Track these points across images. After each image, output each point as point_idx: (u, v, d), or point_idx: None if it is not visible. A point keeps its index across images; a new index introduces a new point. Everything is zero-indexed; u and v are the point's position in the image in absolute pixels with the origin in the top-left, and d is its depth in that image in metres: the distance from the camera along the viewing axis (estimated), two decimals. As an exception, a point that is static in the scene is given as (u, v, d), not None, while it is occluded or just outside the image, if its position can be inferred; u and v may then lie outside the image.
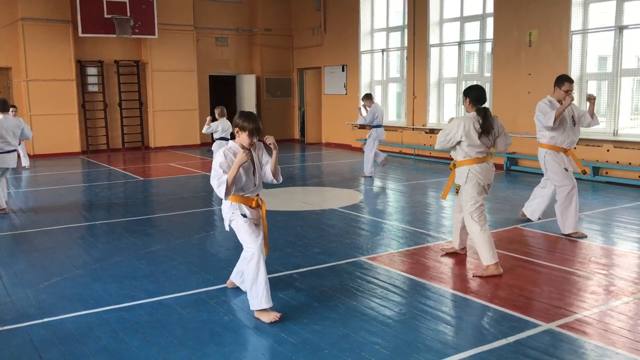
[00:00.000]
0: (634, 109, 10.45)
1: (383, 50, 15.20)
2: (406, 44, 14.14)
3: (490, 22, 12.05)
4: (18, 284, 5.01)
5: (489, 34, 12.12)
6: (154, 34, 15.42)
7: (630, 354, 3.56)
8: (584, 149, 10.18)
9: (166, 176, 11.51)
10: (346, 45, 15.94)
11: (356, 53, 15.66)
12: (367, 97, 11.06)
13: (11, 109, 12.12)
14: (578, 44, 10.42)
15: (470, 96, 5.23)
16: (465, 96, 5.32)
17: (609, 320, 4.11)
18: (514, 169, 11.56)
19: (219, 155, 4.12)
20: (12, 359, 3.62)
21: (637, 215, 7.47)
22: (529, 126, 10.63)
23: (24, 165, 12.67)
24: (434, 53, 13.49)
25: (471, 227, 5.22)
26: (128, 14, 14.80)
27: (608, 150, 10.04)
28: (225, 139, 9.88)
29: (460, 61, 12.96)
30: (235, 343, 3.84)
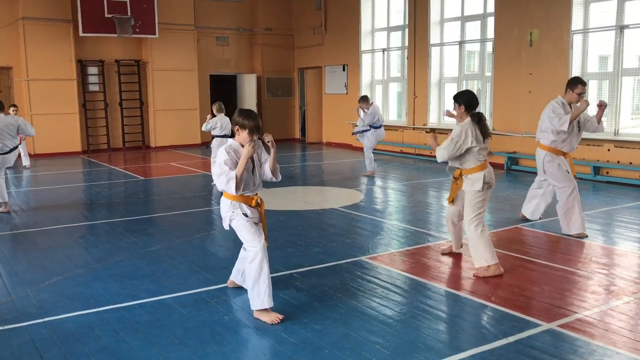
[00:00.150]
0: (634, 108, 10.45)
1: (384, 50, 15.19)
2: (407, 44, 14.13)
3: (491, 21, 12.05)
4: (19, 284, 5.01)
5: (490, 33, 12.11)
6: (155, 34, 15.42)
7: (631, 354, 3.56)
8: (584, 148, 10.18)
9: (167, 176, 11.52)
10: (347, 45, 15.93)
11: (357, 52, 15.66)
12: (364, 100, 11.00)
13: (12, 108, 12.20)
14: (579, 43, 10.42)
15: (464, 102, 5.03)
16: (458, 103, 5.06)
17: (609, 320, 4.11)
18: (514, 168, 11.56)
19: (221, 153, 4.10)
20: (12, 358, 3.62)
21: (637, 215, 7.46)
22: (530, 126, 10.63)
23: (25, 164, 12.69)
24: (434, 53, 13.49)
25: (475, 231, 5.05)
26: (129, 14, 14.79)
27: (609, 150, 10.03)
28: (225, 136, 9.86)
29: (461, 61, 12.95)
30: (235, 343, 3.85)
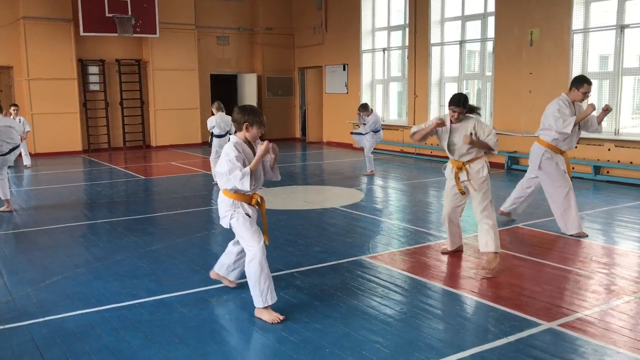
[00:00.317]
0: (635, 108, 10.44)
1: (384, 49, 15.18)
2: (407, 43, 14.13)
3: (491, 21, 12.04)
4: (19, 283, 5.02)
5: (490, 32, 12.11)
6: (156, 33, 15.42)
7: (631, 353, 3.56)
8: (585, 147, 10.18)
9: (167, 175, 11.53)
10: (347, 44, 15.93)
11: (357, 52, 15.65)
12: (364, 108, 11.06)
13: (13, 108, 12.21)
14: (579, 43, 10.41)
15: (466, 107, 5.13)
16: (462, 107, 5.10)
17: (610, 319, 4.11)
18: (514, 168, 11.55)
19: (230, 150, 4.06)
20: (13, 357, 3.62)
21: (638, 215, 7.46)
22: (530, 125, 10.63)
23: (26, 163, 12.69)
24: (435, 52, 13.48)
25: (492, 217, 5.22)
26: (129, 13, 14.79)
27: (609, 150, 10.03)
28: (225, 134, 9.88)
29: (462, 60, 12.94)
30: (236, 342, 3.85)
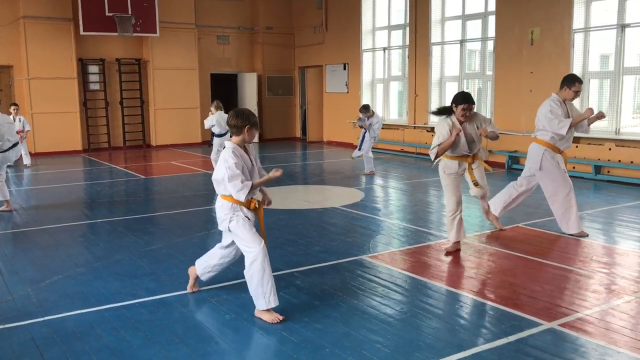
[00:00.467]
0: (636, 107, 10.43)
1: (384, 49, 15.18)
2: (408, 42, 14.12)
3: (492, 20, 12.04)
4: (19, 282, 5.01)
5: (491, 32, 12.10)
6: (156, 32, 15.41)
7: (631, 353, 3.56)
8: (585, 147, 10.17)
9: (167, 174, 11.52)
10: (348, 44, 15.92)
11: (358, 51, 15.64)
12: (366, 109, 11.04)
13: (12, 107, 12.22)
14: (580, 42, 10.40)
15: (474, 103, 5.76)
16: (474, 103, 5.67)
17: (610, 319, 4.10)
18: (515, 167, 11.54)
19: (228, 156, 4.04)
20: (13, 357, 3.62)
21: (638, 214, 7.45)
22: (531, 124, 10.52)
23: (26, 163, 12.69)
24: (435, 51, 13.48)
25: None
26: (129, 12, 14.78)
27: (610, 149, 10.02)
28: (225, 134, 9.90)
29: (462, 59, 12.94)
30: (236, 342, 3.85)
